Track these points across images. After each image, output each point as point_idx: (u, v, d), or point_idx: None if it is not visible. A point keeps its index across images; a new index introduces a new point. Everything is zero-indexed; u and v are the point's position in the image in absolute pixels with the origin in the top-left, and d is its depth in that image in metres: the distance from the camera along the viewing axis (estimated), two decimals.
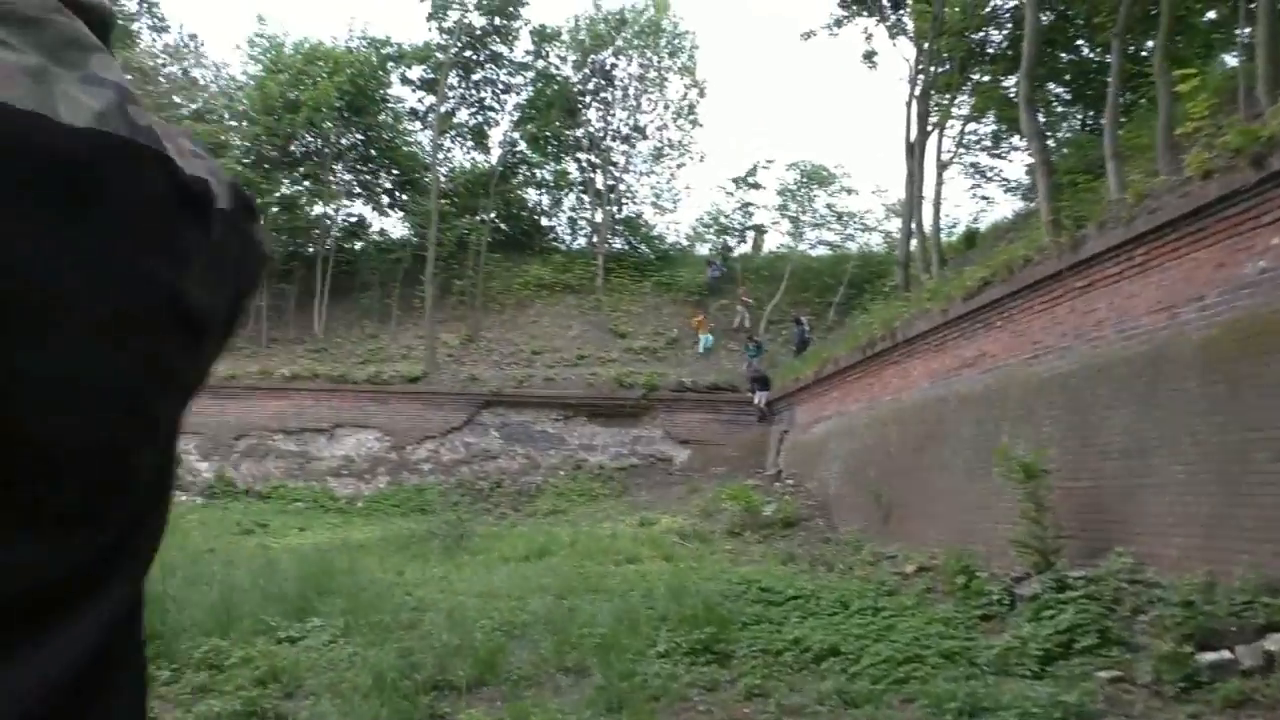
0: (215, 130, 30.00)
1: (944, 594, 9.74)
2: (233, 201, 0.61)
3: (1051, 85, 23.20)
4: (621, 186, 33.25)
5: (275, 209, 29.98)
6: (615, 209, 32.87)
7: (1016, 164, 29.64)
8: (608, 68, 32.37)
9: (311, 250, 30.42)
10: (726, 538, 15.34)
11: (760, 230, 32.08)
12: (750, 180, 30.87)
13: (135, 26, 34.56)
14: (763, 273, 29.26)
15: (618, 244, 32.50)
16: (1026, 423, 10.56)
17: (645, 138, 33.16)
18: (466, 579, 11.74)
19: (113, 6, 0.56)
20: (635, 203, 33.75)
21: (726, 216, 32.13)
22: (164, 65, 32.22)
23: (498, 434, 23.78)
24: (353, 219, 32.71)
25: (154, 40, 34.16)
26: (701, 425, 23.08)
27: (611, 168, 32.89)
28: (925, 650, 7.39)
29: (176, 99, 31.33)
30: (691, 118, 33.27)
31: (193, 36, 36.15)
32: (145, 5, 35.50)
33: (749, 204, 31.48)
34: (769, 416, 22.24)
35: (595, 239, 32.32)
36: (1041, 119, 17.44)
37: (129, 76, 0.50)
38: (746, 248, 32.20)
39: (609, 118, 32.85)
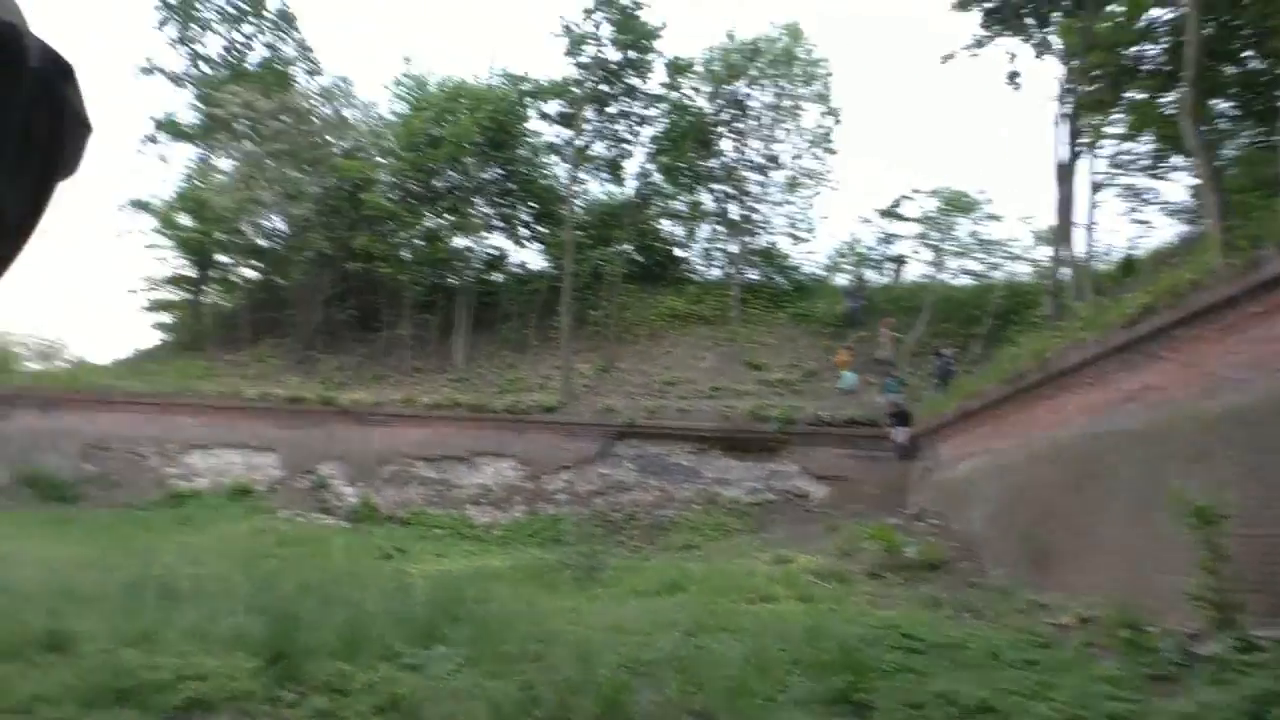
0: (364, 166, 31.33)
1: (1107, 649, 8.94)
2: (43, 60, 0.50)
3: (1215, 101, 21.67)
4: (756, 216, 32.93)
5: (419, 241, 31.00)
6: (750, 239, 32.59)
7: (1178, 185, 27.81)
8: (741, 98, 32.24)
9: (453, 282, 31.28)
10: (866, 579, 14.69)
11: (900, 260, 31.16)
12: (895, 212, 30.06)
13: (292, 70, 36.64)
14: (903, 303, 28.36)
15: (752, 274, 32.17)
16: (1200, 463, 9.66)
17: (780, 167, 32.81)
18: (596, 612, 11.57)
19: None
20: (770, 232, 33.38)
21: (867, 247, 31.38)
22: (318, 106, 33.84)
23: (632, 465, 23.69)
24: (492, 251, 33.52)
25: (309, 83, 36.04)
26: (839, 461, 22.38)
27: (746, 197, 32.64)
28: (1089, 712, 6.72)
29: (329, 138, 32.84)
30: (827, 145, 32.74)
31: (344, 79, 37.98)
32: (302, 50, 37.65)
33: (891, 235, 30.62)
34: (910, 453, 21.37)
35: (730, 269, 32.10)
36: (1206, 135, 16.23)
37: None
38: (886, 277, 31.31)
39: (743, 147, 32.65)
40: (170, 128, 36.72)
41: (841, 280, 31.79)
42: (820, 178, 32.95)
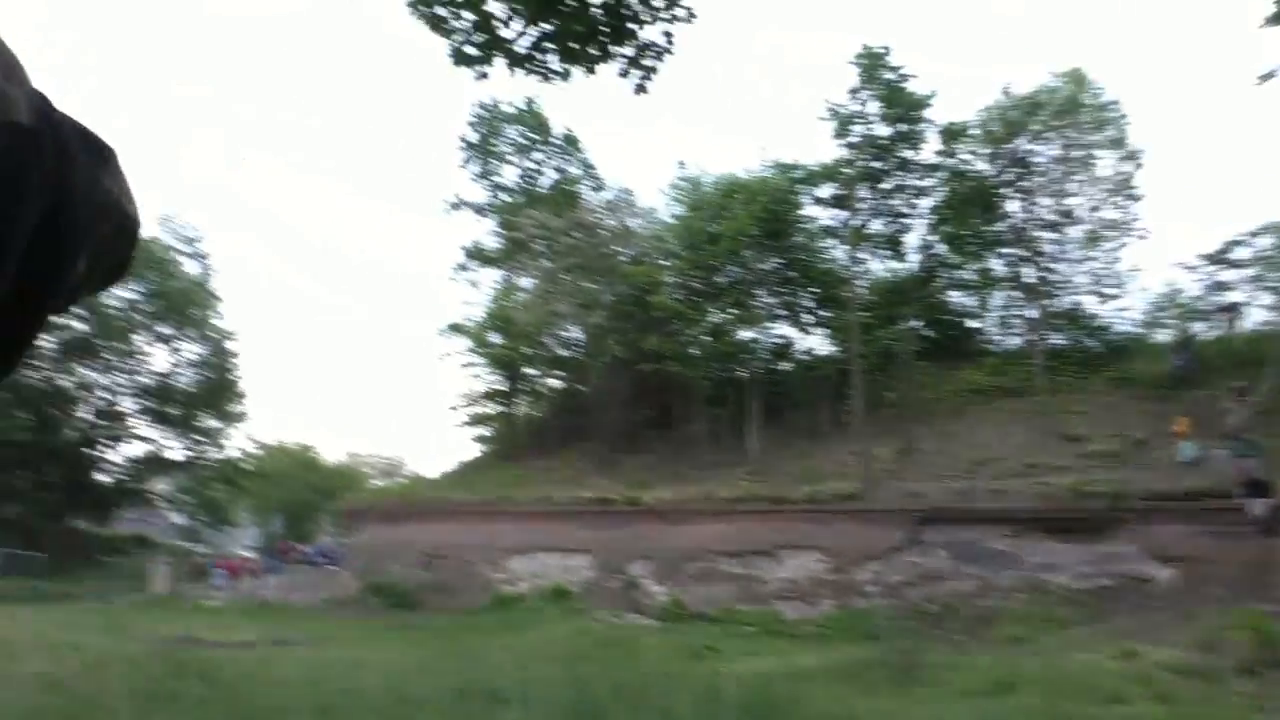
0: (650, 270, 32.74)
1: None
2: (45, 123, 0.49)
3: None
4: (1055, 277, 30.80)
5: (706, 337, 31.70)
6: (1050, 302, 30.46)
7: None
8: (1024, 155, 30.61)
9: (742, 374, 31.60)
10: (1237, 676, 12.72)
11: (1234, 309, 27.70)
12: (1223, 257, 26.99)
13: (578, 188, 39.38)
14: (1242, 357, 25.07)
15: (1058, 339, 29.94)
16: None
17: (1076, 221, 30.59)
18: (920, 716, 10.80)
19: None
20: (1073, 292, 31.01)
21: (1191, 297, 28.31)
22: (604, 219, 35.95)
23: (944, 553, 22.35)
24: (778, 340, 33.61)
25: (594, 198, 38.46)
26: (1187, 539, 19.81)
27: (1040, 258, 30.67)
28: None
29: (616, 247, 34.69)
30: (1128, 192, 30.16)
31: (626, 190, 40.20)
32: (586, 169, 40.44)
33: (1220, 282, 27.40)
34: (1274, 527, 18.55)
35: (1031, 336, 30.10)
36: None
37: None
38: (1218, 329, 27.95)
39: (1032, 206, 30.85)
40: (477, 255, 40.50)
41: (1164, 337, 28.77)
42: (1125, 228, 30.36)
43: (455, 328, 38.76)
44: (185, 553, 38.69)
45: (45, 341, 38.69)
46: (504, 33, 7.79)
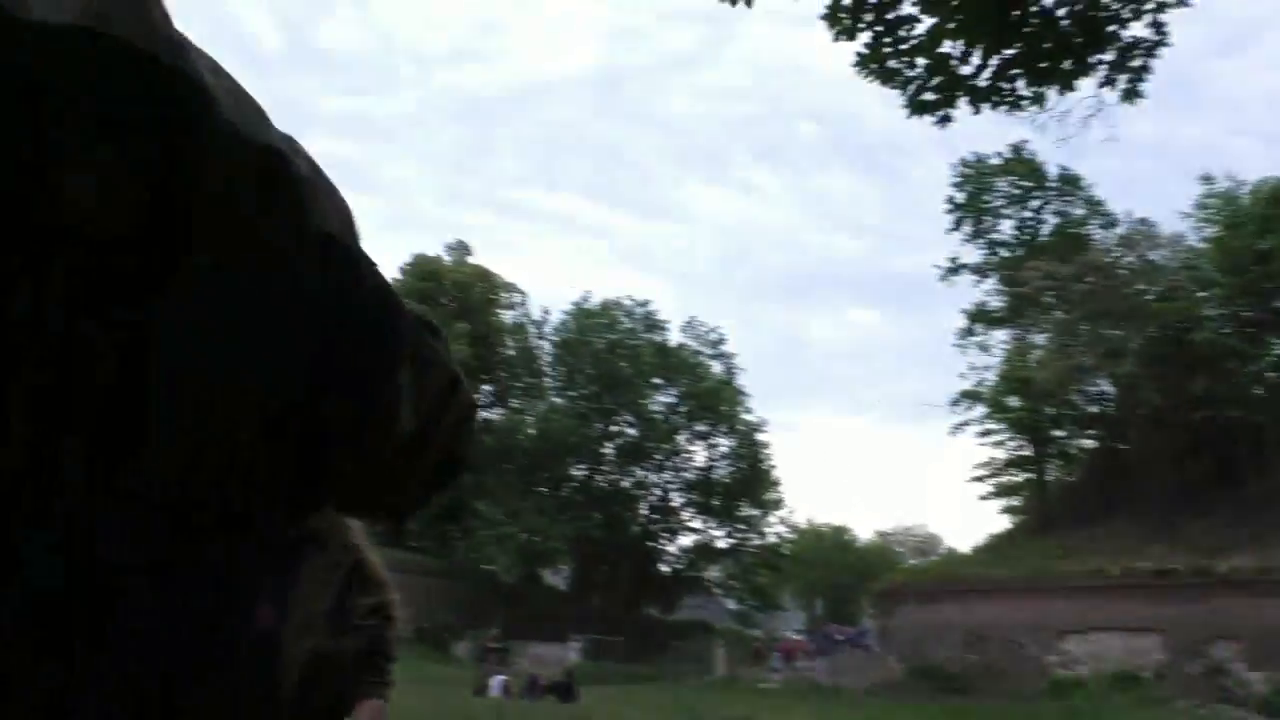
0: (1184, 306, 29.00)
1: None
2: (361, 259, 0.50)
3: None
4: None
5: (1271, 373, 27.12)
6: None
7: None
8: None
9: None
10: None
11: None
12: None
13: (1085, 229, 36.12)
14: None
15: None
16: None
17: None
18: None
19: None
20: None
21: None
22: (1121, 257, 32.67)
23: None
24: None
25: (1106, 236, 35.11)
26: None
27: None
28: None
29: (1139, 286, 31.28)
30: None
31: (1143, 220, 36.03)
32: (1090, 207, 37.10)
33: None
34: None
35: None
36: None
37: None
38: None
39: None
40: (981, 317, 38.84)
41: None
42: None
43: (969, 395, 37.42)
44: (739, 636, 41.33)
45: (606, 449, 44.79)
46: (962, 70, 7.33)
